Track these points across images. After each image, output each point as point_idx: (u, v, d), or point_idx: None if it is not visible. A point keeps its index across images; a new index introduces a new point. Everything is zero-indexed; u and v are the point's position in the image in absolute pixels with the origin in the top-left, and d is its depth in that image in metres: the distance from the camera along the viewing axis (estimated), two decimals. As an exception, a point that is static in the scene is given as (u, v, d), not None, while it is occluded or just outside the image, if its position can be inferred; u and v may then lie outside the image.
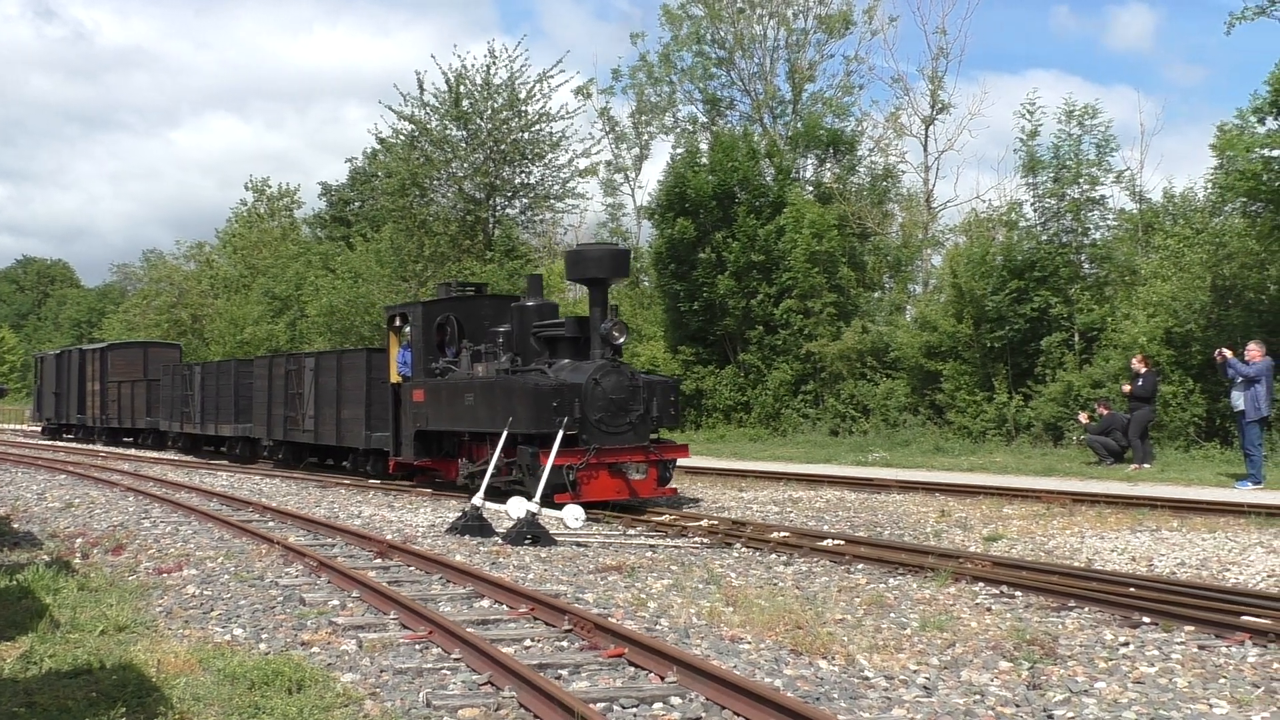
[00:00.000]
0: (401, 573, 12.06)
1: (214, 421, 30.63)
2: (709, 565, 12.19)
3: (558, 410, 15.73)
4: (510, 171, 40.96)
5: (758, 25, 37.51)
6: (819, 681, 7.49)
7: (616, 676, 7.72)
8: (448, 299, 20.66)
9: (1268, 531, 13.30)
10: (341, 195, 59.41)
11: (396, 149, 41.71)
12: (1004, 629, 8.79)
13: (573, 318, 17.86)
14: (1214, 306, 24.96)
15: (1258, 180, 22.16)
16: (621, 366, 16.78)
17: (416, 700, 7.12)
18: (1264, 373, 18.49)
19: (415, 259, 41.17)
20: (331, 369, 23.74)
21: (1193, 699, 6.97)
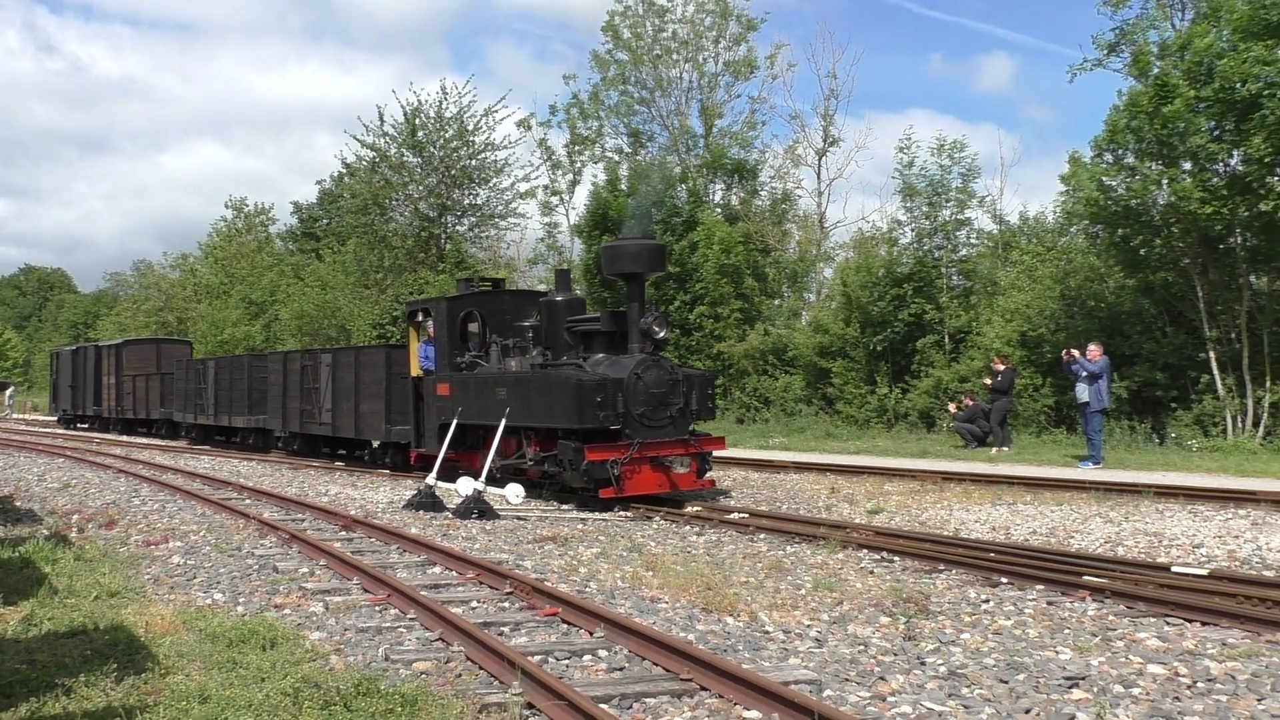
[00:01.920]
0: (363, 544, 11.96)
1: (227, 413, 28.82)
2: (632, 536, 12.20)
3: (601, 405, 13.98)
4: (459, 194, 40.80)
5: (674, 69, 37.59)
6: (726, 635, 7.52)
7: (551, 633, 7.71)
8: (470, 294, 18.29)
9: (1105, 504, 13.55)
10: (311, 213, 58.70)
11: (360, 173, 41.46)
12: (884, 589, 8.88)
13: (609, 312, 15.87)
14: (1061, 313, 25.40)
15: (1098, 205, 22.55)
16: (661, 360, 14.84)
17: (376, 655, 7.07)
18: (1104, 370, 18.85)
19: (376, 269, 41.01)
20: (349, 364, 21.85)
21: (1042, 647, 7.08)
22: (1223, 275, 22.33)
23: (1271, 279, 22.15)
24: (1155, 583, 8.72)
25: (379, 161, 40.45)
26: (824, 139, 36.77)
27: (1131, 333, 23.66)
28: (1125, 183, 21.69)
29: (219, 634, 7.35)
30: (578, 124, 39.60)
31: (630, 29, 37.11)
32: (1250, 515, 12.49)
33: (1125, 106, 21.66)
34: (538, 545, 11.71)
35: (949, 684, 6.27)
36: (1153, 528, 11.70)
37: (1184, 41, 21.32)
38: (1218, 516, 12.43)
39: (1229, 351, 22.04)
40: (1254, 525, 11.78)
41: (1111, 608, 8.16)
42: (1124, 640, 7.19)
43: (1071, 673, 6.41)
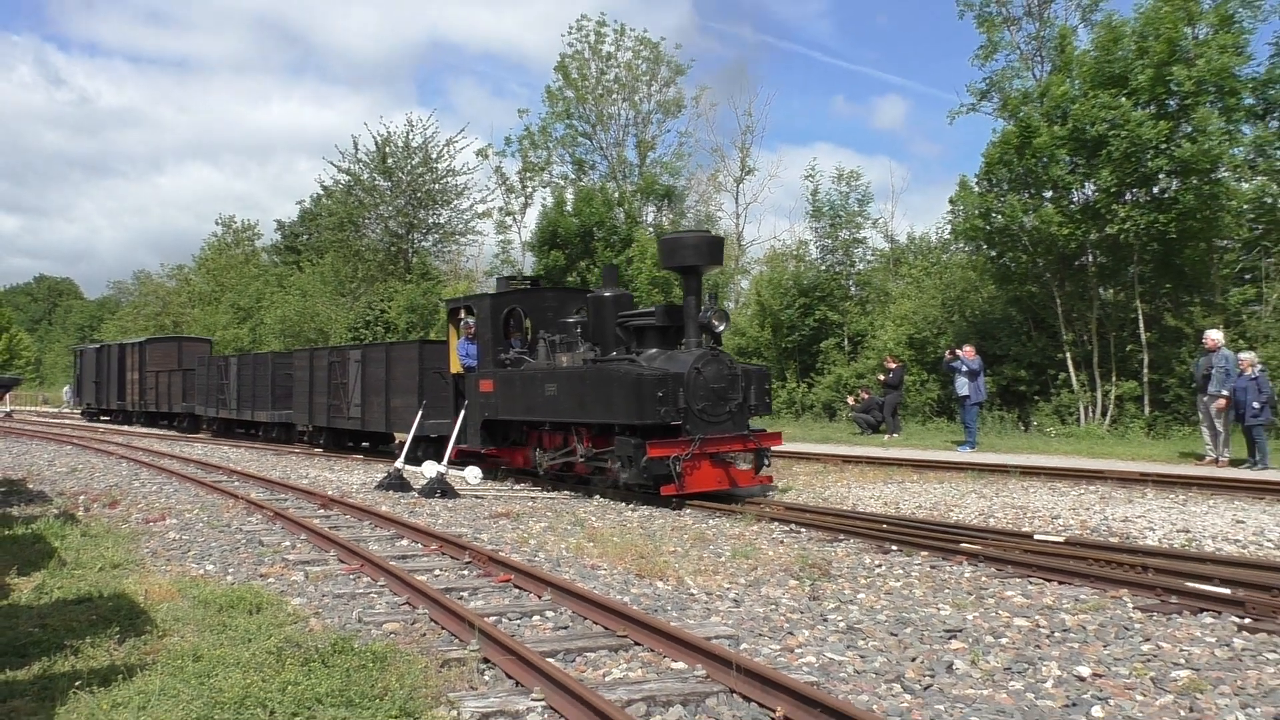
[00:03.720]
0: (339, 520, 11.81)
1: (250, 408, 26.61)
2: (576, 511, 12.18)
3: (661, 400, 12.18)
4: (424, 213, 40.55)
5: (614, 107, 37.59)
6: (657, 598, 7.54)
7: (505, 597, 7.67)
8: (513, 291, 16.18)
9: (979, 483, 13.77)
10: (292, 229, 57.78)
11: (336, 194, 41.03)
12: (793, 556, 8.94)
13: (662, 306, 13.75)
14: (943, 319, 25.78)
15: (976, 228, 22.93)
16: (721, 355, 12.89)
17: (351, 618, 6.99)
18: (982, 368, 19.18)
19: (351, 279, 40.64)
20: (380, 360, 19.91)
21: (926, 604, 7.18)
22: (1077, 288, 22.81)
23: (1117, 292, 22.65)
24: (1021, 549, 8.86)
25: (353, 185, 40.11)
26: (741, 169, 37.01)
27: (1001, 336, 24.08)
28: (998, 209, 22.07)
29: (210, 600, 7.22)
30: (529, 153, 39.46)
31: (578, 70, 37.06)
32: (1099, 490, 12.76)
33: (998, 144, 22.06)
34: (493, 520, 11.65)
35: (847, 637, 6.33)
36: (1019, 502, 11.89)
37: (1043, 89, 21.74)
38: (1072, 492, 12.68)
39: (1082, 352, 22.53)
40: (1102, 499, 12.03)
41: (984, 570, 8.29)
42: (994, 598, 7.31)
43: (950, 626, 6.50)
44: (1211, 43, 19.54)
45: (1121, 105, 19.75)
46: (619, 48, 36.97)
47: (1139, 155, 19.69)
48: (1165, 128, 19.39)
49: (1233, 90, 19.54)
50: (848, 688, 5.34)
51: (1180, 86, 19.42)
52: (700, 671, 5.51)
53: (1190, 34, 20.06)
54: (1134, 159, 19.76)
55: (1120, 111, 19.70)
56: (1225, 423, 15.52)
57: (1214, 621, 6.49)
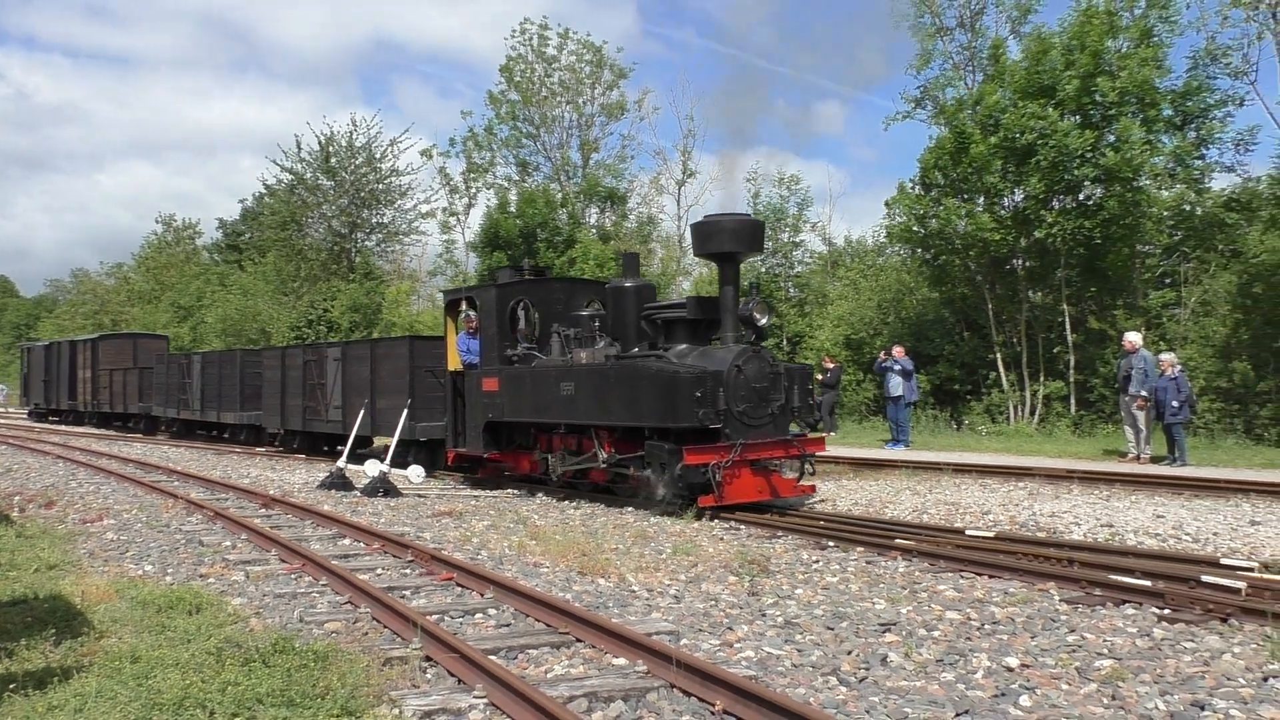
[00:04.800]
0: (281, 519, 11.64)
1: (215, 409, 24.73)
2: (518, 510, 12.13)
3: (700, 401, 10.76)
4: (368, 213, 40.06)
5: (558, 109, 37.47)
6: (599, 594, 7.53)
7: (448, 595, 7.62)
8: (521, 281, 14.46)
9: (913, 480, 13.95)
10: (234, 228, 56.84)
11: (279, 193, 40.43)
12: (732, 553, 8.98)
13: (694, 298, 12.52)
14: (879, 320, 26.10)
15: (911, 231, 23.26)
16: (762, 351, 11.50)
17: (292, 617, 6.89)
18: (914, 368, 19.46)
19: (293, 279, 40.06)
20: (364, 358, 18.22)
21: (862, 598, 7.26)
22: (1007, 291, 23.23)
23: (1045, 295, 23.11)
24: (953, 544, 9.00)
25: (296, 184, 39.56)
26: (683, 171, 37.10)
27: (935, 337, 24.46)
28: (933, 214, 22.40)
29: (149, 601, 7.06)
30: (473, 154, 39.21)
31: (522, 73, 36.89)
32: (1027, 487, 13.00)
33: (933, 150, 22.40)
34: (436, 519, 11.56)
35: (785, 632, 6.38)
36: (951, 498, 12.07)
37: (977, 98, 22.11)
38: (1002, 488, 12.90)
39: (1011, 353, 22.96)
40: (1030, 495, 12.26)
41: (918, 565, 8.40)
42: (928, 592, 7.41)
43: (885, 620, 6.58)
44: (1133, 56, 20.02)
45: (1050, 115, 20.16)
46: (562, 51, 36.90)
47: (1066, 163, 20.11)
48: (1090, 137, 19.84)
49: (1153, 102, 20.07)
50: (785, 681, 5.38)
51: (1104, 98, 19.89)
52: (641, 667, 5.52)
53: (1113, 47, 20.54)
54: (1061, 167, 20.19)
55: (1048, 121, 20.11)
56: (1146, 421, 15.91)
57: (1135, 612, 6.65)
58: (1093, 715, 4.76)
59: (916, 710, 4.85)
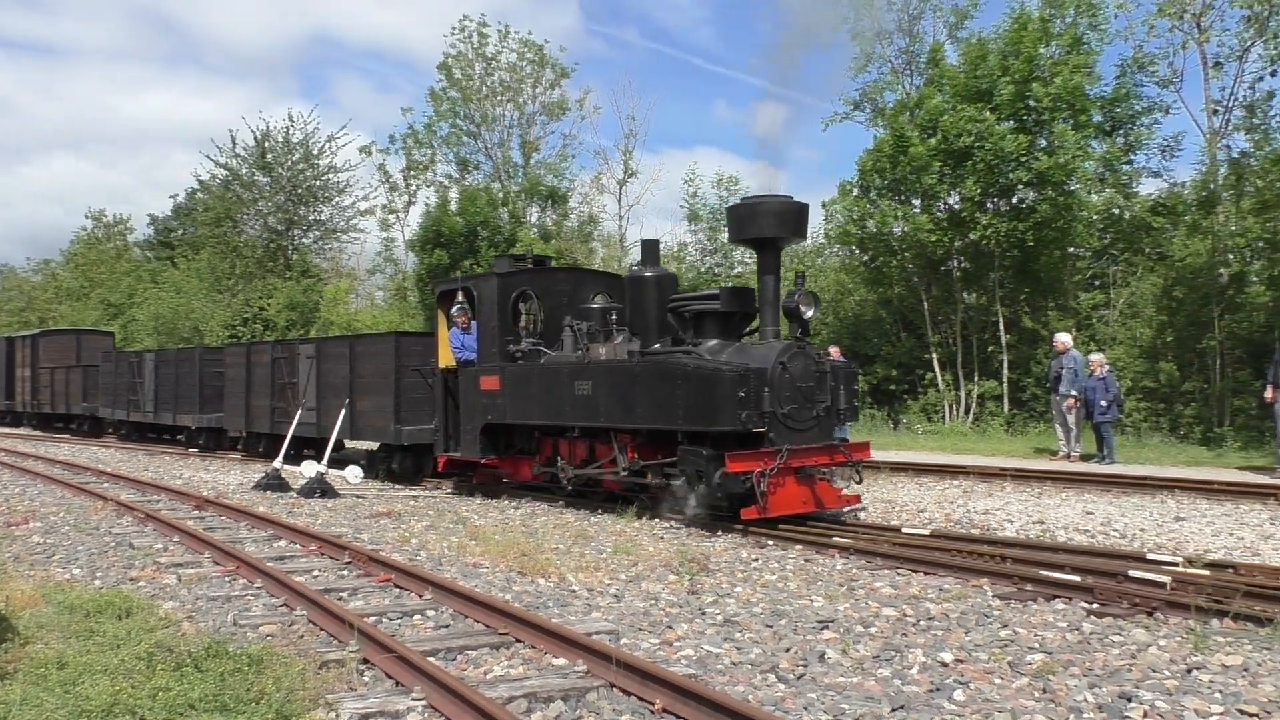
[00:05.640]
0: (215, 521, 11.43)
1: (170, 411, 22.91)
2: (458, 510, 12.05)
3: (743, 402, 9.69)
4: (305, 210, 39.54)
5: (498, 108, 37.27)
6: (539, 594, 7.50)
7: (386, 596, 7.54)
8: (525, 270, 13.30)
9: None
10: (166, 224, 55.66)
11: (214, 189, 39.69)
12: (672, 552, 8.99)
13: (728, 288, 11.19)
14: (817, 321, 26.33)
15: (849, 232, 23.52)
16: (807, 348, 10.43)
17: (226, 621, 6.77)
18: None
19: (228, 276, 39.36)
20: (342, 356, 16.78)
21: (800, 596, 7.31)
22: (943, 292, 23.60)
23: (979, 296, 23.53)
24: (889, 541, 9.12)
25: (231, 180, 38.88)
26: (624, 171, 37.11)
27: (872, 337, 24.76)
28: (872, 215, 22.67)
29: (77, 606, 6.89)
30: (413, 151, 38.89)
31: (462, 70, 36.63)
32: (962, 485, 13.22)
33: (872, 152, 22.67)
34: (374, 520, 11.43)
35: (725, 630, 6.41)
36: (887, 496, 12.22)
37: (916, 100, 22.44)
38: (938, 486, 13.11)
39: (947, 353, 23.33)
40: (964, 493, 12.47)
41: (855, 562, 8.49)
42: (864, 589, 7.49)
43: (823, 617, 6.63)
44: (1065, 63, 20.46)
45: (986, 119, 20.53)
46: (503, 49, 36.73)
47: (1001, 167, 20.49)
48: (1025, 141, 20.24)
49: (1083, 108, 20.53)
50: (724, 679, 5.41)
51: (1038, 103, 20.30)
52: (581, 667, 5.51)
53: (1046, 54, 20.97)
54: (996, 170, 20.56)
55: (985, 125, 20.48)
56: (1076, 420, 16.27)
57: (1065, 607, 6.79)
58: (1024, 709, 4.85)
59: (853, 706, 4.91)
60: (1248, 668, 5.38)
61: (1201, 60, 20.74)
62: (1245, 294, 19.17)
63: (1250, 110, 19.84)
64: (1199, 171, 21.09)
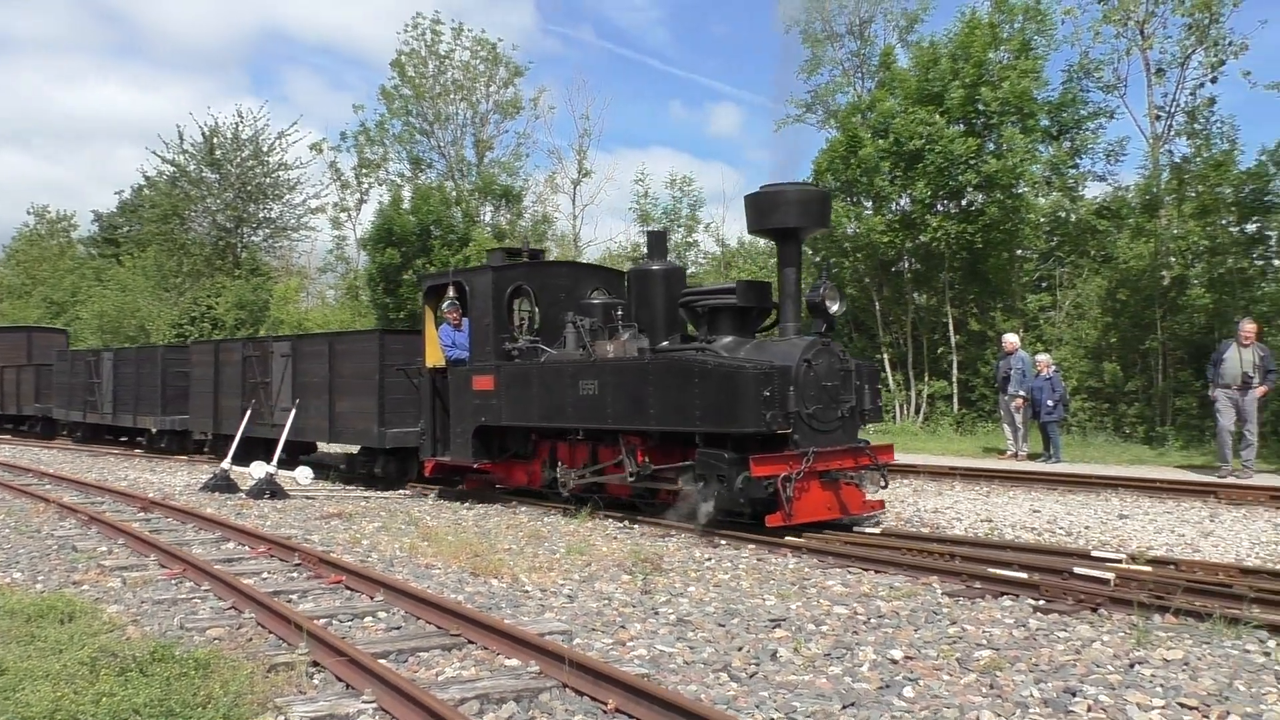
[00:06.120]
0: (161, 523, 11.25)
1: (130, 412, 21.85)
2: (410, 511, 11.96)
3: (767, 402, 9.10)
4: (255, 207, 39.02)
5: (451, 106, 37.04)
6: (491, 595, 7.47)
7: (336, 598, 7.47)
8: (521, 264, 12.64)
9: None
10: (112, 221, 54.64)
11: (160, 185, 39.02)
12: (626, 551, 9.00)
13: (744, 282, 10.67)
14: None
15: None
16: (832, 345, 9.92)
17: (172, 624, 6.66)
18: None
19: (175, 274, 38.73)
20: (320, 355, 15.81)
21: (753, 595, 7.35)
22: (894, 293, 23.85)
23: (929, 297, 23.80)
24: (841, 540, 9.19)
25: (178, 176, 38.26)
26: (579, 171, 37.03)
27: (825, 337, 24.91)
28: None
29: (17, 610, 6.74)
30: (365, 149, 38.51)
31: (415, 68, 36.36)
32: (912, 484, 13.37)
33: (825, 153, 22.85)
34: (325, 521, 11.32)
35: (678, 629, 6.43)
36: (839, 496, 12.29)
37: (869, 103, 22.65)
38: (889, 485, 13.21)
39: (898, 353, 23.58)
40: (915, 492, 12.61)
41: (807, 561, 8.56)
42: (816, 588, 7.55)
43: (775, 615, 6.68)
44: (1013, 68, 20.77)
45: (937, 122, 20.77)
46: (456, 47, 36.52)
47: (951, 169, 20.74)
48: (974, 144, 20.51)
49: (1031, 112, 20.85)
50: (677, 678, 5.42)
51: (987, 106, 20.59)
52: (534, 668, 5.50)
53: (995, 59, 21.27)
54: (946, 173, 20.81)
55: (936, 128, 20.72)
56: (1024, 420, 16.52)
57: (1013, 604, 6.89)
58: (972, 704, 4.92)
59: (805, 704, 4.94)
60: (1188, 662, 5.49)
61: (1145, 67, 21.17)
62: (1186, 296, 19.56)
63: (1191, 116, 20.27)
64: (1142, 176, 21.52)
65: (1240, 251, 19.03)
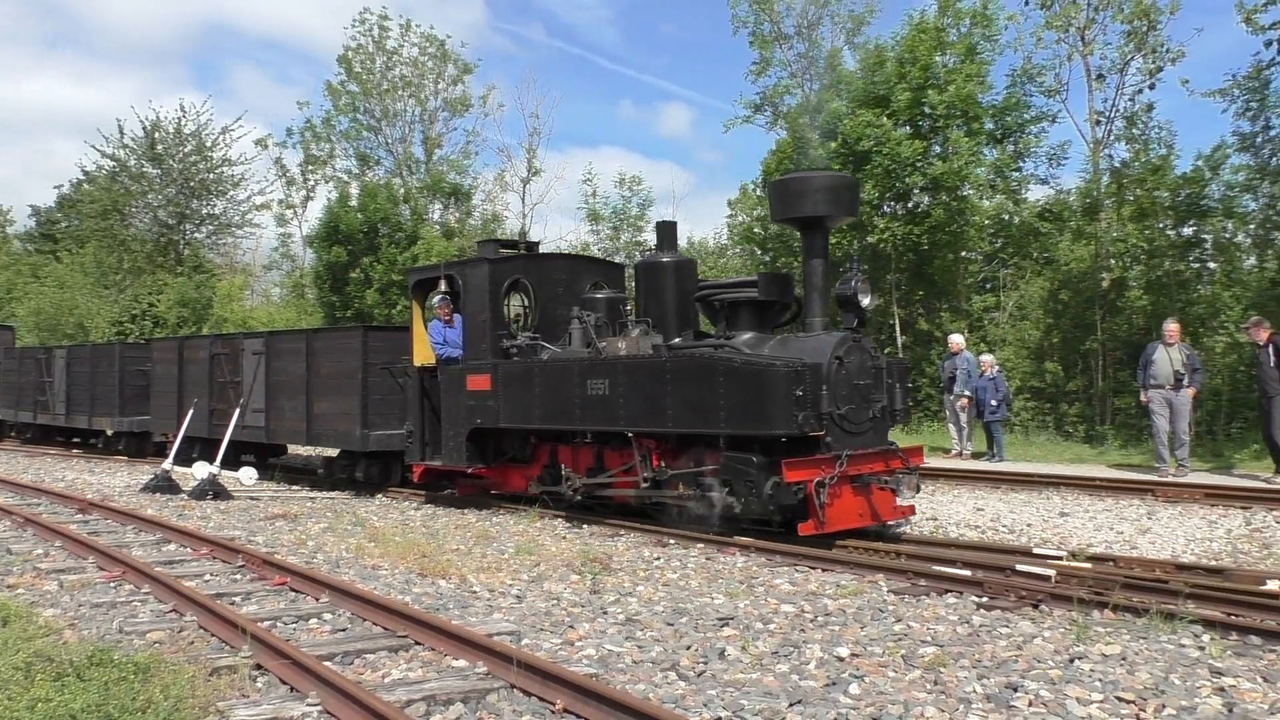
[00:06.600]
0: (100, 525, 11.02)
1: (86, 413, 20.96)
2: (356, 511, 11.84)
3: (799, 402, 8.52)
4: (198, 204, 38.37)
5: (400, 103, 36.76)
6: (439, 596, 7.42)
7: (281, 600, 7.37)
8: (519, 256, 12.07)
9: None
10: (50, 216, 53.39)
11: (100, 180, 38.22)
12: (575, 551, 9.00)
13: (766, 275, 9.97)
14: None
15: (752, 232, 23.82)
16: (863, 341, 9.40)
17: (111, 628, 6.53)
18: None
19: (115, 271, 37.94)
20: (297, 352, 14.90)
21: (701, 594, 7.38)
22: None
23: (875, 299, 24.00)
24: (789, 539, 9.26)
25: (119, 171, 37.49)
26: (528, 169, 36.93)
27: (773, 338, 25.08)
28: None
29: (-52, 615, 6.57)
30: (311, 146, 38.07)
31: (362, 64, 36.00)
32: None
33: (774, 154, 23.00)
34: (269, 522, 11.17)
35: (626, 629, 6.43)
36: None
37: (816, 105, 22.84)
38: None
39: (846, 353, 23.75)
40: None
41: (755, 560, 8.61)
42: (764, 586, 7.59)
43: (723, 614, 6.71)
44: (959, 72, 21.06)
45: (884, 124, 20.99)
46: (404, 43, 36.23)
47: (898, 171, 20.97)
48: (920, 147, 20.76)
49: (975, 116, 21.15)
50: (626, 678, 5.42)
51: (933, 109, 20.85)
52: (482, 669, 5.47)
53: (941, 62, 21.55)
54: (893, 174, 21.04)
55: (883, 130, 20.94)
56: (968, 419, 16.76)
57: (956, 601, 6.99)
58: (916, 700, 4.98)
59: (752, 702, 4.97)
60: (1125, 656, 5.61)
61: (1085, 72, 21.58)
62: (1125, 298, 19.98)
63: (1130, 121, 20.72)
64: (1083, 179, 21.94)
65: (1177, 254, 19.49)
